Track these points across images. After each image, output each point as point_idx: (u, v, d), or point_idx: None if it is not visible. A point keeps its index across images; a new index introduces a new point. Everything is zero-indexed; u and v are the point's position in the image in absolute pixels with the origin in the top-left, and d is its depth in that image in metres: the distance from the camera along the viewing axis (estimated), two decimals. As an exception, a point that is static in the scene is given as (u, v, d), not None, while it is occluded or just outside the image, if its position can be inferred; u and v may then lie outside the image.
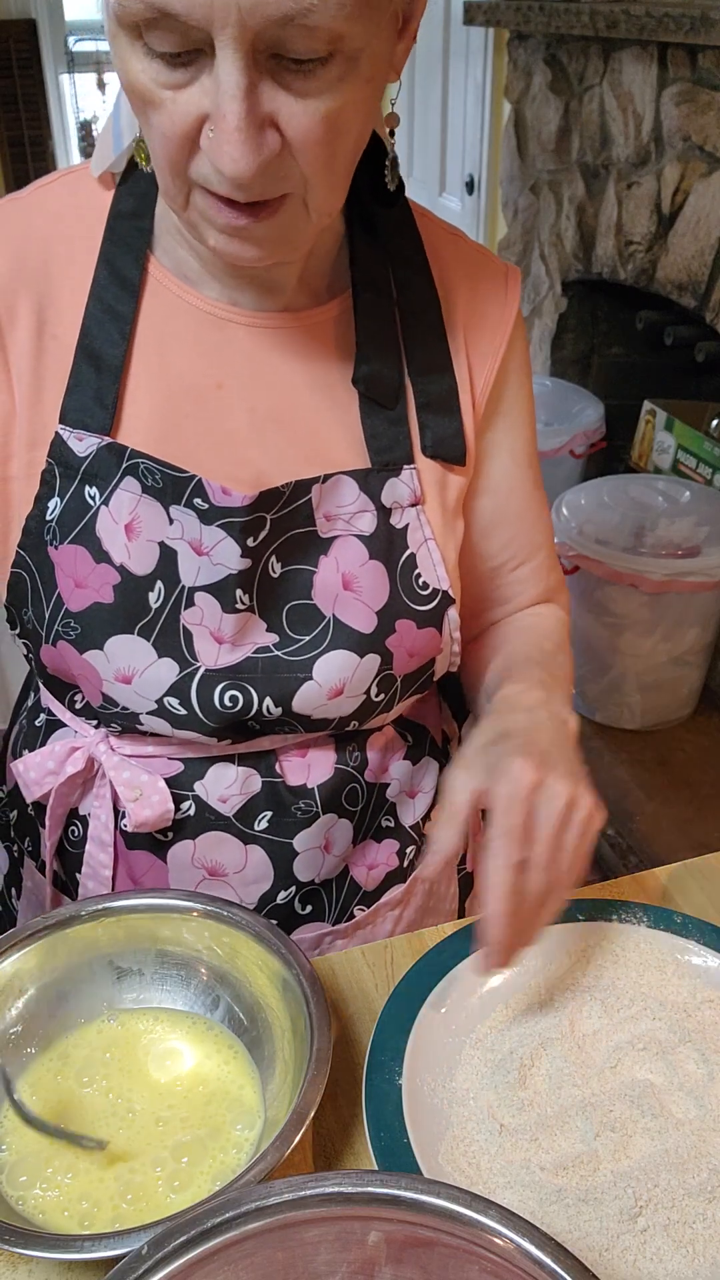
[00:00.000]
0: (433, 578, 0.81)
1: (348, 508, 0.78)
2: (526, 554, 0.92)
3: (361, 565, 0.78)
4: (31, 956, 0.71)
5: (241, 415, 0.76)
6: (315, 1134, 0.68)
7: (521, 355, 0.87)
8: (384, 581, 0.78)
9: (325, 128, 0.60)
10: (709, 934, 0.77)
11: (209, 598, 0.75)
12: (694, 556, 2.10)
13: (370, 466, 0.78)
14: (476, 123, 3.11)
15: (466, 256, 0.85)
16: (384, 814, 0.89)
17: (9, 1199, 0.62)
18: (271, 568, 0.76)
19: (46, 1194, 0.63)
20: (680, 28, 1.88)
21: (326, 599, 0.77)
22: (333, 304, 0.79)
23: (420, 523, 0.80)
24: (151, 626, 0.75)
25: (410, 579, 0.80)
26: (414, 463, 0.80)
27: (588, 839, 0.68)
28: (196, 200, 0.64)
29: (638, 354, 2.86)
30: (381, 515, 0.78)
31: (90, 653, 0.75)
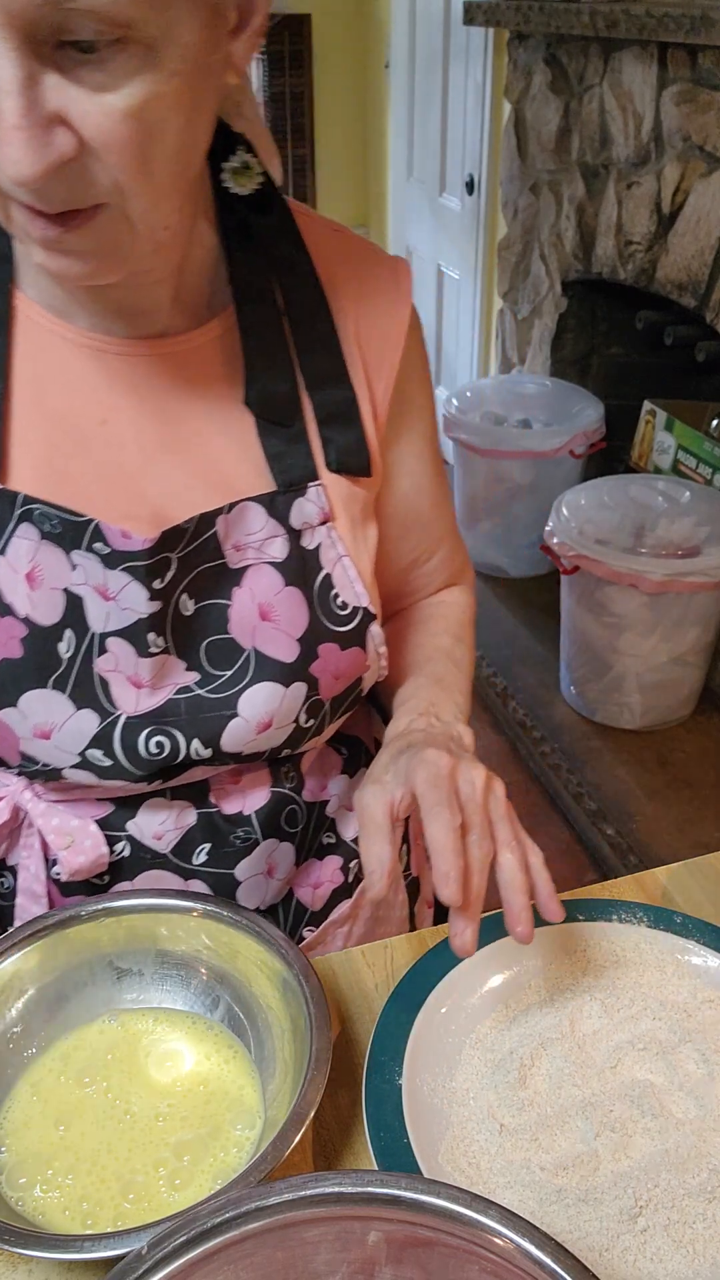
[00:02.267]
0: (351, 596, 0.78)
1: (256, 535, 0.74)
2: (434, 548, 0.92)
3: (277, 593, 0.75)
4: (31, 956, 0.71)
5: (132, 450, 0.72)
6: (315, 1134, 0.68)
7: (417, 351, 0.83)
8: (302, 607, 0.76)
9: (129, 127, 0.54)
10: (709, 934, 0.77)
11: (121, 643, 0.72)
12: (694, 556, 2.10)
13: (275, 489, 0.75)
14: (476, 123, 3.12)
15: (353, 254, 0.81)
16: (324, 831, 0.87)
17: (9, 1200, 0.62)
18: (183, 606, 0.73)
19: (47, 1195, 0.63)
20: (680, 28, 1.88)
21: (244, 632, 0.75)
22: (214, 323, 0.74)
23: (332, 540, 0.77)
24: (65, 678, 0.72)
25: (328, 600, 0.77)
26: (319, 479, 0.76)
27: (511, 812, 0.69)
28: (15, 215, 0.59)
29: (638, 354, 2.86)
30: (292, 538, 0.75)
31: (3, 711, 0.71)
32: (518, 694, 2.45)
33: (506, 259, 2.98)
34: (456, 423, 2.70)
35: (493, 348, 3.30)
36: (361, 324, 0.79)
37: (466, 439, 2.68)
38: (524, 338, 3.01)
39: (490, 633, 2.67)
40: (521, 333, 3.01)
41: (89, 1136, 0.66)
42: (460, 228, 3.39)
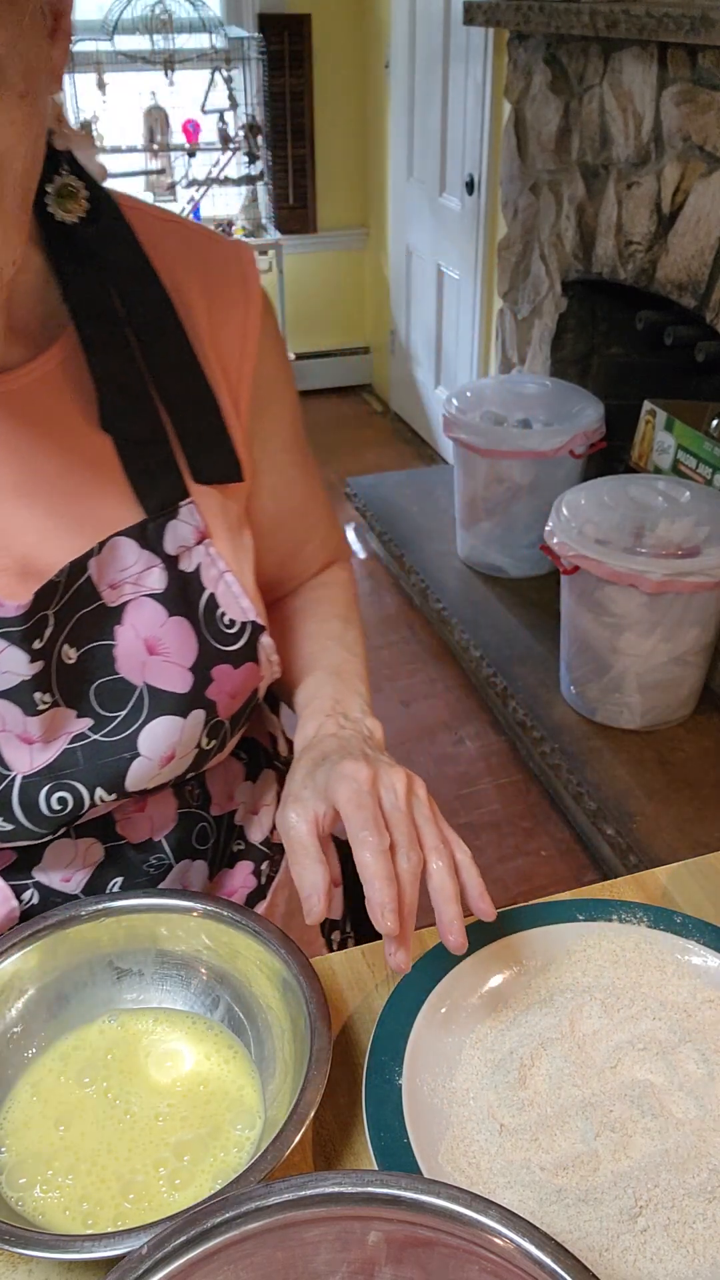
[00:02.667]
0: (237, 612, 0.75)
1: (131, 569, 0.71)
2: (309, 534, 0.90)
3: (162, 625, 0.72)
4: (31, 956, 0.71)
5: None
6: (315, 1134, 0.68)
7: (272, 338, 0.79)
8: (190, 635, 0.73)
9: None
10: (709, 934, 0.77)
11: (6, 703, 0.69)
12: (694, 556, 2.10)
13: (145, 516, 0.71)
14: (476, 123, 3.12)
15: (192, 245, 0.76)
16: (234, 840, 0.86)
17: (9, 1200, 0.62)
18: (65, 655, 0.70)
19: (47, 1195, 0.63)
20: (680, 28, 1.88)
21: (133, 669, 0.71)
22: (54, 349, 0.70)
23: (212, 558, 0.74)
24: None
25: (216, 622, 0.74)
26: (190, 496, 0.73)
27: (435, 811, 0.68)
28: None
29: (638, 354, 2.86)
30: (169, 566, 0.72)
31: None
32: (518, 694, 2.45)
33: (506, 259, 2.98)
34: (456, 423, 2.70)
35: (493, 348, 3.30)
36: (213, 320, 0.75)
37: (466, 439, 2.68)
38: (524, 338, 3.00)
39: (490, 633, 2.67)
40: (521, 333, 3.01)
41: (89, 1136, 0.66)
42: (460, 228, 3.39)
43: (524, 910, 0.80)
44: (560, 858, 2.22)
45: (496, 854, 2.23)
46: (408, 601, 3.12)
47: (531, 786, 2.41)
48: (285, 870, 0.90)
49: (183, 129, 3.76)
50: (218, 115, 3.73)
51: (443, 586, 2.88)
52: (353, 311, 4.49)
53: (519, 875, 2.18)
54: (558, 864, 2.21)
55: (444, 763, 2.49)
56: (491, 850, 2.24)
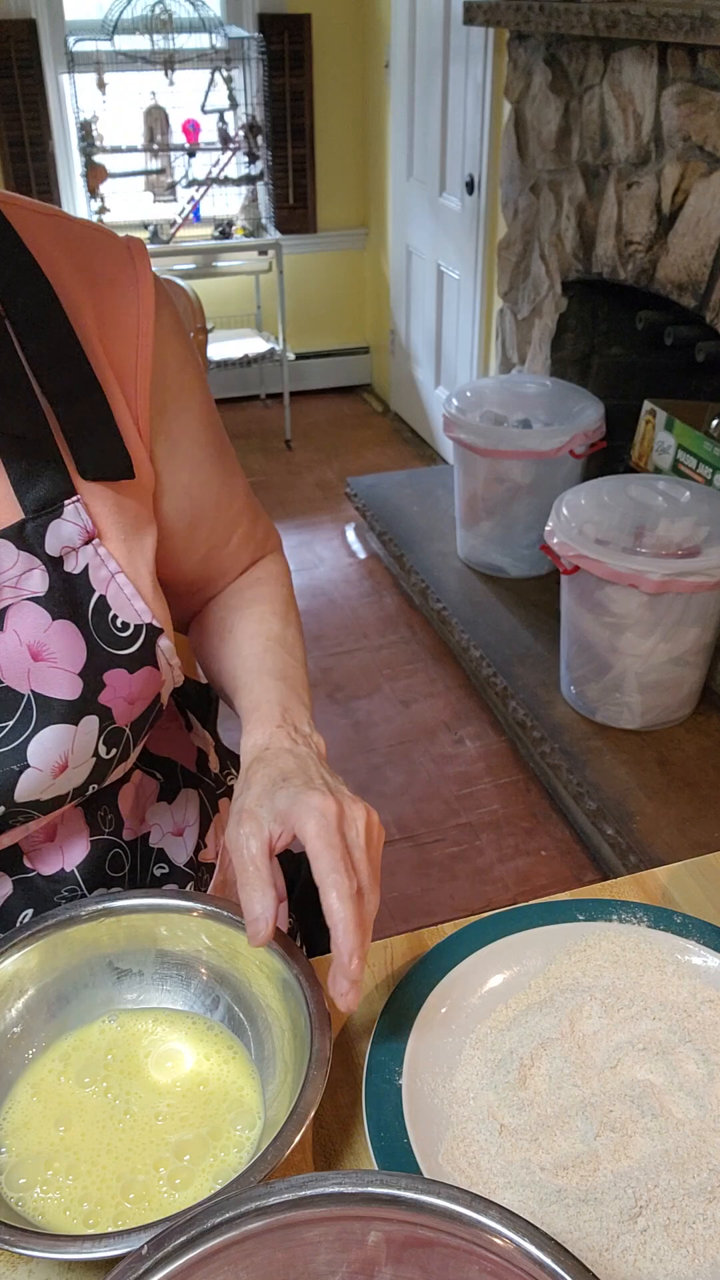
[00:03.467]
0: (131, 614, 0.72)
1: (10, 572, 0.68)
2: (231, 530, 0.87)
3: (46, 630, 0.69)
4: (31, 957, 0.71)
5: None
6: (315, 1134, 0.68)
7: (171, 332, 0.77)
8: (77, 639, 0.70)
9: None
10: (709, 934, 0.77)
11: None
12: (694, 556, 2.10)
13: (24, 516, 0.68)
14: (476, 123, 3.11)
15: (75, 239, 0.73)
16: (155, 863, 0.84)
17: (9, 1200, 0.62)
18: None
19: (47, 1195, 0.63)
20: (680, 28, 1.88)
21: (18, 677, 0.68)
22: None
23: (101, 559, 0.71)
24: None
25: (107, 624, 0.71)
26: (76, 495, 0.70)
27: (380, 848, 0.68)
28: None
29: (638, 354, 2.86)
30: (52, 567, 0.69)
31: None
32: (518, 694, 2.45)
33: (506, 259, 2.98)
34: (456, 423, 2.70)
35: (493, 348, 3.30)
36: (102, 316, 0.73)
37: (466, 439, 2.68)
38: (524, 338, 3.00)
39: (490, 633, 2.67)
40: (521, 333, 3.01)
41: (89, 1137, 0.66)
42: (460, 228, 3.39)
43: (524, 910, 0.80)
44: (560, 858, 2.22)
45: (496, 854, 2.23)
46: (408, 601, 3.12)
47: (531, 786, 2.41)
48: (220, 889, 0.88)
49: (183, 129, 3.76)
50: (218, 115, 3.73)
51: (443, 586, 2.88)
52: (352, 311, 4.49)
53: (519, 875, 2.18)
54: (558, 864, 2.21)
55: (444, 763, 2.49)
56: (491, 850, 2.24)
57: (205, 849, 0.88)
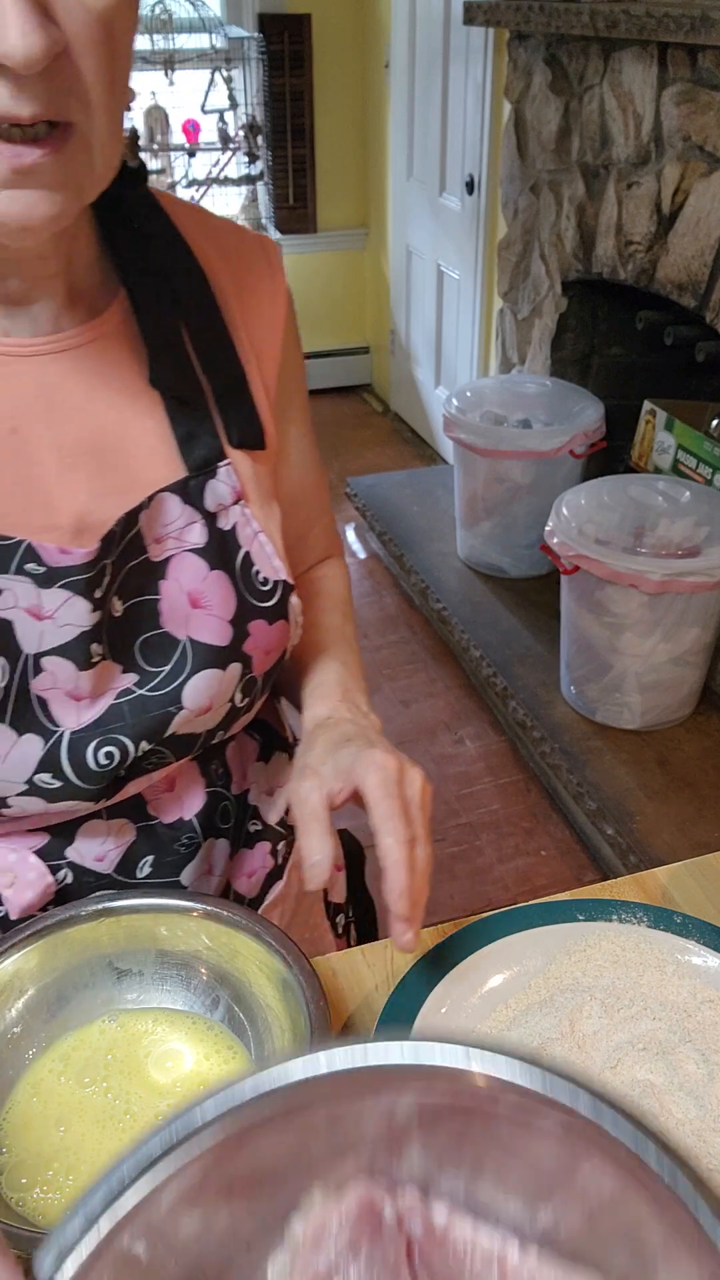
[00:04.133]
0: (270, 570, 0.78)
1: (174, 524, 0.74)
2: (315, 522, 0.94)
3: (204, 579, 0.74)
4: (31, 957, 0.71)
5: (47, 456, 0.70)
6: (315, 1134, 0.68)
7: (294, 332, 0.84)
8: (229, 589, 0.75)
9: (102, 30, 0.54)
10: (709, 934, 0.77)
11: (58, 660, 0.70)
12: (694, 556, 2.10)
13: (187, 474, 0.74)
14: (476, 123, 3.12)
15: (218, 232, 0.80)
16: (250, 819, 0.88)
17: (9, 1201, 0.62)
18: (114, 608, 0.72)
19: (48, 1196, 0.63)
20: (680, 28, 1.88)
21: (177, 623, 0.74)
22: (111, 310, 0.73)
23: (246, 518, 0.77)
24: (3, 707, 0.69)
25: (251, 578, 0.77)
26: (227, 458, 0.76)
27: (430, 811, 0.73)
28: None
29: (638, 354, 2.86)
30: (209, 522, 0.75)
31: None
32: (518, 694, 2.45)
33: (506, 259, 2.98)
34: (456, 423, 2.70)
35: (493, 348, 3.30)
36: (244, 303, 0.79)
37: (466, 439, 2.68)
38: (524, 338, 3.01)
39: (490, 633, 2.67)
40: (521, 333, 3.01)
41: (89, 1137, 0.66)
42: (460, 228, 3.39)
43: (524, 910, 0.80)
44: (560, 858, 2.22)
45: (496, 854, 2.23)
46: (408, 601, 3.12)
47: (531, 786, 2.41)
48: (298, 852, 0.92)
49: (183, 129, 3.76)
50: (218, 115, 3.73)
51: (443, 586, 2.88)
52: (353, 311, 4.50)
53: (519, 875, 2.18)
54: (558, 864, 2.21)
55: (444, 763, 2.49)
56: (491, 850, 2.24)
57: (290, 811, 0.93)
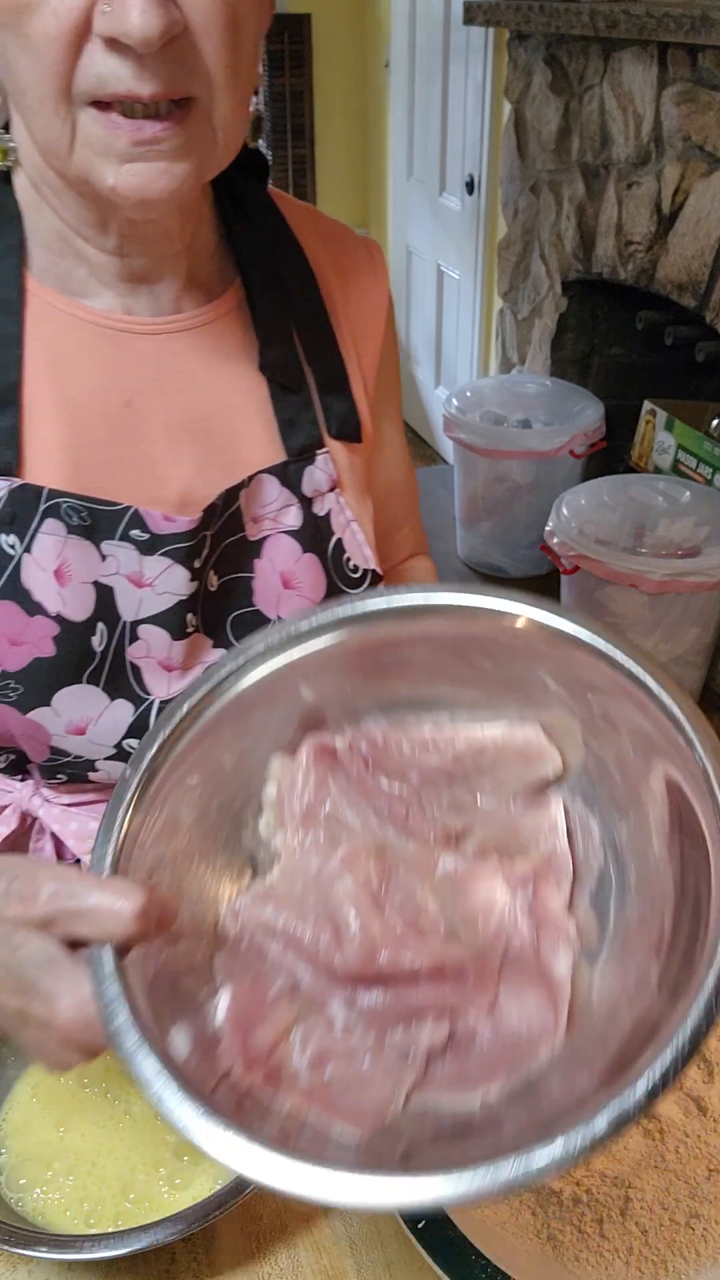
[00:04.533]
0: (360, 559, 0.80)
1: (272, 505, 0.76)
2: (405, 519, 0.96)
3: (296, 561, 0.77)
4: (31, 957, 0.71)
5: (157, 431, 0.72)
6: (315, 1134, 0.68)
7: (392, 330, 0.87)
8: (320, 573, 0.78)
9: (225, 13, 0.56)
10: (709, 934, 0.77)
11: (154, 629, 0.72)
12: (694, 556, 2.10)
13: (287, 458, 0.76)
14: (476, 123, 3.11)
15: (326, 231, 0.84)
16: None
17: (9, 1201, 0.62)
18: (210, 582, 0.74)
19: (48, 1196, 0.63)
20: (680, 28, 1.88)
21: (269, 602, 0.76)
22: (227, 295, 0.76)
23: (340, 506, 0.79)
24: (99, 671, 0.72)
25: (342, 564, 0.79)
26: (325, 447, 0.78)
27: None
28: (87, 128, 0.57)
29: (638, 354, 2.86)
30: (305, 506, 0.77)
31: (36, 711, 0.71)
32: (518, 694, 2.44)
33: (506, 259, 2.98)
34: (456, 423, 2.70)
35: (493, 348, 3.30)
36: (348, 301, 0.82)
37: (466, 439, 2.68)
38: (524, 338, 3.01)
39: (490, 633, 2.67)
40: (521, 333, 3.01)
41: (89, 1137, 0.66)
42: (460, 228, 3.39)
43: (524, 910, 0.79)
44: (560, 858, 2.21)
45: (496, 854, 2.23)
46: (408, 601, 3.11)
47: (531, 786, 2.41)
48: None
49: (183, 129, 3.76)
50: (218, 115, 3.72)
51: (443, 586, 2.87)
52: (353, 311, 4.49)
53: (519, 875, 2.17)
54: (558, 864, 2.20)
55: (444, 763, 2.48)
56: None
57: None
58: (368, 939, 0.50)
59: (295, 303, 0.78)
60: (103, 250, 0.69)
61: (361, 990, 0.51)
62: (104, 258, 0.69)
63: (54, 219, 0.68)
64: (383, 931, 0.51)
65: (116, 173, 0.58)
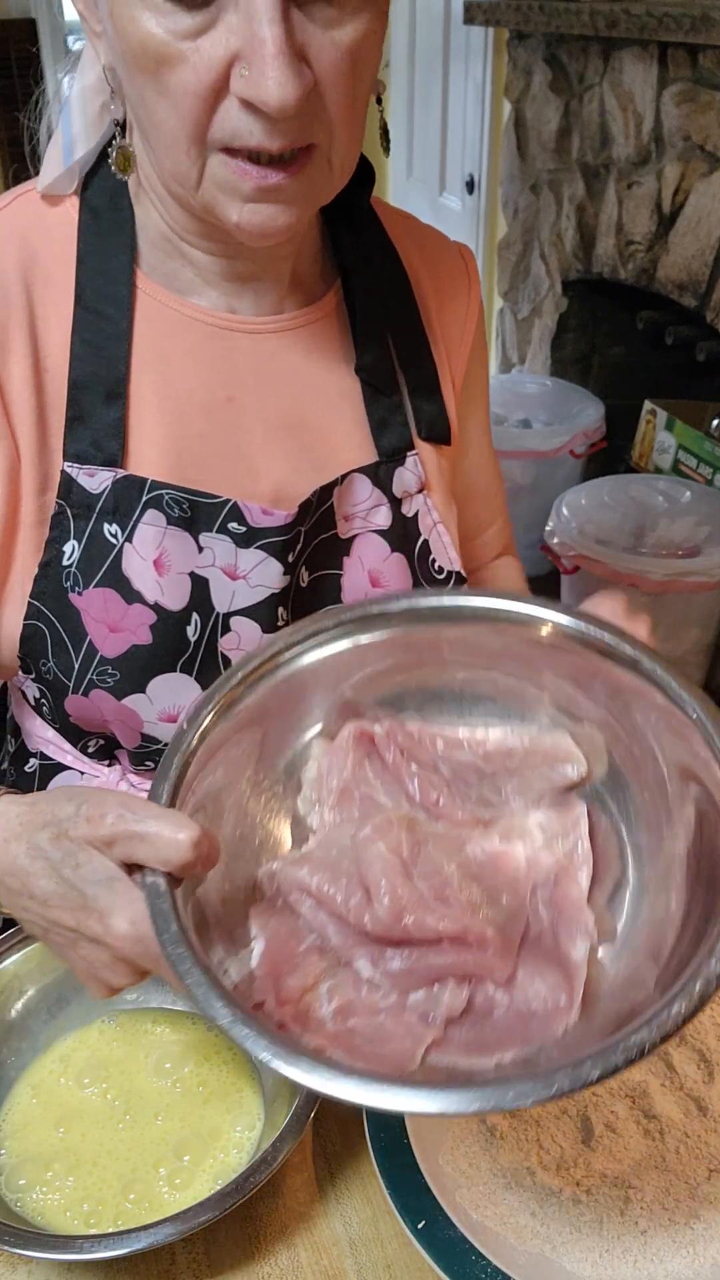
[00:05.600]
0: (446, 560, 0.82)
1: (363, 505, 0.78)
2: (493, 518, 0.97)
3: (384, 560, 0.78)
4: (31, 957, 0.71)
5: (255, 427, 0.74)
6: (315, 1135, 0.68)
7: (482, 339, 0.88)
8: (406, 573, 0.79)
9: (350, 62, 0.58)
10: (709, 934, 0.77)
11: (246, 621, 0.74)
12: (694, 556, 2.10)
13: (378, 459, 0.78)
14: (476, 122, 3.11)
15: (421, 237, 0.85)
16: None
17: (9, 1201, 0.62)
18: (301, 578, 0.76)
19: (48, 1196, 0.63)
20: (680, 27, 1.88)
21: (357, 598, 0.77)
22: (327, 298, 0.78)
23: (428, 508, 0.81)
24: (192, 661, 0.73)
25: (428, 565, 0.81)
26: (415, 449, 0.80)
27: None
28: (215, 170, 0.60)
29: (638, 354, 2.86)
30: (394, 506, 0.79)
31: (131, 697, 0.72)
32: (518, 694, 2.44)
33: (506, 259, 2.97)
34: (456, 422, 2.70)
35: (493, 348, 3.30)
36: (439, 303, 0.83)
37: (466, 439, 2.68)
38: (524, 338, 3.00)
39: (490, 633, 2.66)
40: (521, 333, 3.01)
41: (89, 1137, 0.66)
42: (460, 227, 3.39)
43: (524, 910, 0.80)
44: (560, 858, 2.21)
45: (497, 854, 2.23)
46: (408, 601, 3.11)
47: (532, 786, 2.41)
48: None
49: (183, 129, 3.76)
50: (218, 115, 3.72)
51: (443, 586, 2.88)
52: (353, 311, 4.49)
53: (519, 875, 2.17)
54: (558, 864, 2.20)
55: (444, 763, 2.48)
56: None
57: None
58: (395, 901, 0.53)
59: (390, 307, 0.80)
60: (207, 253, 0.71)
61: (388, 950, 0.53)
62: (208, 260, 0.71)
63: (160, 222, 0.71)
64: (410, 896, 0.53)
65: (240, 210, 0.61)
